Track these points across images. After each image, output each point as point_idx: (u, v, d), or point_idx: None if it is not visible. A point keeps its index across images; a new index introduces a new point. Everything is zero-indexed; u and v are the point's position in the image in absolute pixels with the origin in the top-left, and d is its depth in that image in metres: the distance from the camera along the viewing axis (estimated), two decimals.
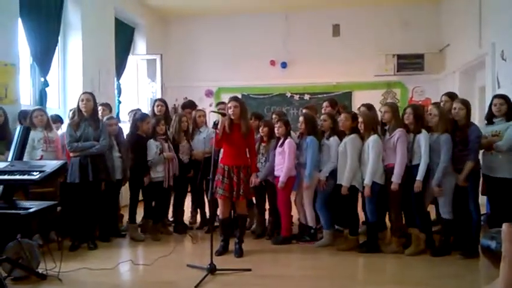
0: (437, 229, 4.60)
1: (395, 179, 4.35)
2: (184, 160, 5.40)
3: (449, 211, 4.33)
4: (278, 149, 4.86)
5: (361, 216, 4.79)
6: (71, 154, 4.71)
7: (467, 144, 4.23)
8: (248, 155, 4.50)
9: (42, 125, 4.91)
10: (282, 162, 4.79)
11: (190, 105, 6.16)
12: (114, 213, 5.31)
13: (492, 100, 4.40)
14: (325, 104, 5.52)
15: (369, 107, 5.19)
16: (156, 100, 6.05)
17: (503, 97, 4.35)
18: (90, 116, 4.76)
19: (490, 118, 4.40)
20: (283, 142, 4.82)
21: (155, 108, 5.74)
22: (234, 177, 4.35)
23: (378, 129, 4.53)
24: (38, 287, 3.59)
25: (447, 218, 4.35)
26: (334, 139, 4.72)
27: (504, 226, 0.80)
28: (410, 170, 4.39)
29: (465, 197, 4.31)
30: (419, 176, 4.30)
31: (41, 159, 4.69)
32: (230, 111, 4.35)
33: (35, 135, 4.81)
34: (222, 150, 4.51)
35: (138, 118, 5.29)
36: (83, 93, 4.88)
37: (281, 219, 4.90)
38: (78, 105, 4.75)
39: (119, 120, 5.91)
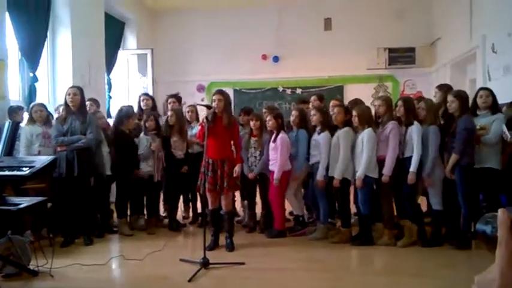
0: (428, 221, 4.64)
1: (386, 171, 4.38)
2: (178, 155, 5.33)
3: (439, 202, 4.40)
4: (271, 144, 4.85)
5: (353, 209, 4.80)
6: (58, 148, 4.67)
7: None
8: (233, 148, 4.49)
9: (42, 120, 4.89)
10: (275, 157, 4.78)
11: (175, 96, 5.93)
12: (106, 209, 5.28)
13: (477, 92, 4.43)
14: (312, 98, 5.57)
15: (357, 102, 5.20)
16: (141, 95, 5.98)
17: (488, 89, 4.42)
18: (78, 110, 4.71)
19: (474, 110, 4.43)
20: (276, 137, 4.81)
21: (141, 103, 5.71)
22: (218, 170, 4.35)
23: (372, 123, 4.53)
24: (29, 284, 3.56)
25: (438, 209, 4.41)
26: (325, 134, 4.70)
27: (500, 211, 0.79)
28: (402, 162, 4.42)
29: (455, 189, 4.34)
30: (413, 168, 4.33)
31: (38, 154, 4.65)
32: (214, 104, 4.34)
33: (34, 130, 4.81)
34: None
35: (124, 114, 5.23)
36: (70, 87, 4.83)
37: (274, 213, 4.90)
38: (65, 100, 4.71)
39: (109, 116, 5.86)
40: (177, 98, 5.88)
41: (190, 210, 5.80)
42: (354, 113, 4.52)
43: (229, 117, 4.38)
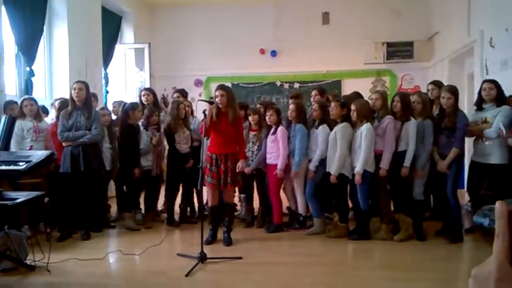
0: (427, 215, 4.66)
1: (384, 165, 4.38)
2: (182, 150, 5.19)
3: (421, 192, 4.45)
4: (270, 137, 4.86)
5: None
6: (64, 144, 4.65)
7: (454, 131, 4.26)
8: (236, 143, 4.48)
9: (32, 114, 4.85)
10: (274, 150, 4.80)
11: (181, 91, 6.08)
12: (103, 204, 5.27)
13: (481, 85, 4.43)
14: (313, 92, 5.54)
15: (351, 97, 5.18)
16: (142, 89, 5.98)
17: (493, 81, 4.39)
18: (83, 105, 4.69)
19: (479, 104, 4.42)
20: (275, 130, 4.81)
21: (142, 98, 5.69)
22: (222, 165, 4.34)
23: (371, 118, 4.52)
24: (26, 279, 3.55)
25: (419, 199, 4.46)
26: (323, 128, 4.70)
27: (497, 204, 0.79)
28: (396, 156, 4.42)
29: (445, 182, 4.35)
30: (407, 163, 4.36)
31: (30, 149, 4.63)
32: (217, 100, 4.32)
33: (24, 124, 4.77)
34: (209, 138, 4.48)
35: (128, 107, 5.23)
36: (76, 82, 4.80)
37: (273, 207, 4.90)
38: (70, 94, 4.69)
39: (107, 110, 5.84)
40: (182, 93, 5.94)
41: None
42: (353, 107, 4.51)
43: (234, 113, 4.35)
